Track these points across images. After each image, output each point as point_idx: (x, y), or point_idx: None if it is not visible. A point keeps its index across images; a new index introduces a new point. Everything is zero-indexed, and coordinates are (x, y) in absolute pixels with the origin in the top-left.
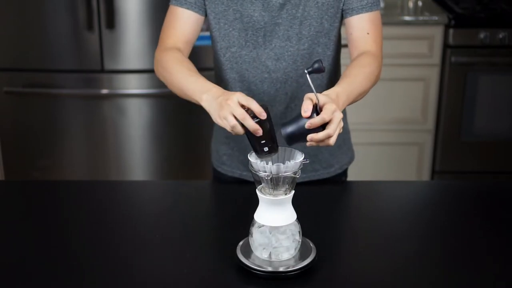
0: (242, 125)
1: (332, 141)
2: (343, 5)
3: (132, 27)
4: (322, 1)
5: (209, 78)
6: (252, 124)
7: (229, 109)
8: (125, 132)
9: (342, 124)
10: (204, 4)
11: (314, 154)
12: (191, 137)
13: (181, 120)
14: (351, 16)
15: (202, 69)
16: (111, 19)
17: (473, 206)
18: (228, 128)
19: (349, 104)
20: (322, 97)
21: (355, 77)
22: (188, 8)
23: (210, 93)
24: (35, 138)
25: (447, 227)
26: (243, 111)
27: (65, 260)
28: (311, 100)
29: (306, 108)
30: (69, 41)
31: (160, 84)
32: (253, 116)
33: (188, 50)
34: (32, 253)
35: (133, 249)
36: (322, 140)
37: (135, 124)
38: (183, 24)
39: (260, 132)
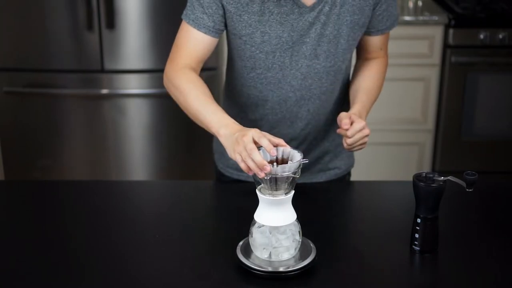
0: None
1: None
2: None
3: (132, 27)
4: (351, 19)
5: (210, 78)
6: (258, 160)
7: (243, 145)
8: (125, 132)
9: (365, 139)
10: (223, 27)
11: (318, 156)
12: (191, 137)
13: (181, 120)
14: (369, 36)
15: (203, 69)
16: (111, 19)
17: (473, 205)
18: (241, 165)
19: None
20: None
21: (372, 90)
22: (205, 33)
23: (228, 128)
24: (35, 138)
25: (447, 226)
26: (253, 146)
27: (65, 260)
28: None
29: (345, 124)
30: (69, 41)
31: (160, 84)
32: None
33: (200, 68)
34: (32, 253)
35: (133, 249)
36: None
37: (135, 124)
38: (198, 45)
39: (266, 168)
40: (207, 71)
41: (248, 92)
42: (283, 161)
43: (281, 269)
